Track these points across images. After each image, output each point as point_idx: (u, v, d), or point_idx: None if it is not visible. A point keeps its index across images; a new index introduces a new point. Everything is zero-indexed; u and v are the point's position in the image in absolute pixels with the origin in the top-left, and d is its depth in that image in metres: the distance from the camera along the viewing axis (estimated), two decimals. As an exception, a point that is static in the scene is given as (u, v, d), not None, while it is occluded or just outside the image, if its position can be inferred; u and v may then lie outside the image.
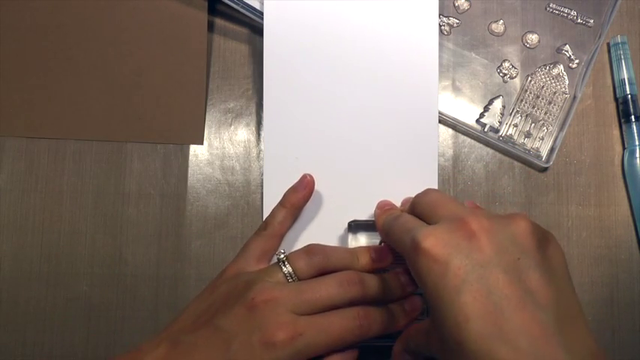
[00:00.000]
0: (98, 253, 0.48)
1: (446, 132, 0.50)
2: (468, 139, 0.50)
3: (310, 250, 0.43)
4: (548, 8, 0.51)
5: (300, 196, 0.47)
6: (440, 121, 0.50)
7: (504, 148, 0.49)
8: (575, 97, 0.49)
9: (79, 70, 0.50)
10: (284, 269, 0.42)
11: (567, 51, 0.50)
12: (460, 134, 0.50)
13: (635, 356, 0.48)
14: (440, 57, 0.50)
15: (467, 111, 0.50)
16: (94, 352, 0.47)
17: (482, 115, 0.49)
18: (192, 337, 0.40)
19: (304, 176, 0.47)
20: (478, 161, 0.50)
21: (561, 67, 0.50)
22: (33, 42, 0.50)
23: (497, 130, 0.49)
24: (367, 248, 0.44)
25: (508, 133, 0.49)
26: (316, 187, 0.47)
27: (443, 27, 0.50)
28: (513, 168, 0.50)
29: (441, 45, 0.50)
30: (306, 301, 0.40)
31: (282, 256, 0.42)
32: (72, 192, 0.49)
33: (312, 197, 0.47)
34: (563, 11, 0.50)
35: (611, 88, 0.50)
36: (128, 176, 0.49)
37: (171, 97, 0.50)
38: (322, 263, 0.42)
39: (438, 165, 0.49)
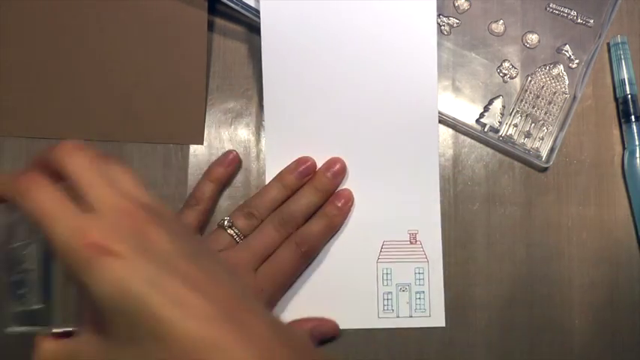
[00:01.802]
0: (98, 253, 0.48)
1: (446, 132, 0.50)
2: (468, 139, 0.50)
3: (246, 206, 0.46)
4: (548, 8, 0.51)
5: (224, 172, 0.48)
6: (440, 121, 0.50)
7: (504, 148, 0.49)
8: (575, 97, 0.49)
9: (79, 70, 0.50)
10: (230, 232, 0.45)
11: (567, 51, 0.50)
12: (460, 134, 0.50)
13: (635, 358, 0.48)
14: (440, 57, 0.50)
15: (467, 111, 0.49)
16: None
17: (482, 115, 0.49)
18: None
19: (229, 152, 0.48)
20: (478, 161, 0.50)
21: (561, 67, 0.50)
22: (33, 42, 0.50)
23: (497, 130, 0.49)
24: (286, 170, 0.47)
25: (508, 133, 0.49)
26: None
27: (443, 27, 0.50)
28: (513, 168, 0.50)
29: (440, 45, 0.50)
30: (257, 255, 0.44)
31: (226, 222, 0.45)
32: (72, 192, 0.49)
33: None
34: (563, 11, 0.50)
35: (611, 88, 0.50)
36: (128, 176, 0.49)
37: (171, 97, 0.50)
38: (259, 214, 0.45)
39: (439, 165, 0.49)
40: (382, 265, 0.48)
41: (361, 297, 0.47)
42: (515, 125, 0.49)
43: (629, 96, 0.49)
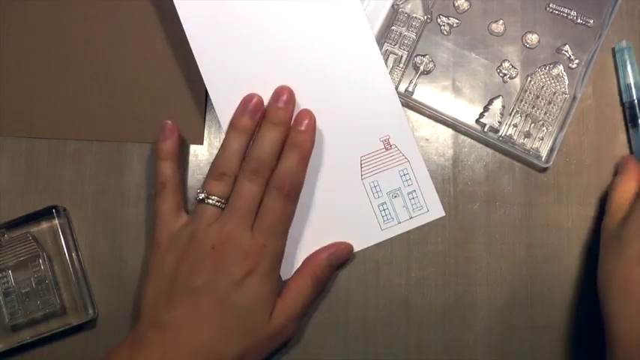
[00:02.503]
0: (98, 253, 0.48)
1: (446, 132, 0.50)
2: (468, 139, 0.50)
3: (215, 167, 0.46)
4: (548, 8, 0.51)
5: (170, 144, 0.47)
6: (440, 121, 0.50)
7: (504, 148, 0.49)
8: (574, 98, 0.49)
9: (79, 70, 0.50)
10: (210, 202, 0.44)
11: (567, 51, 0.50)
12: (460, 134, 0.50)
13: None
14: (440, 57, 0.50)
15: (467, 111, 0.49)
16: (95, 354, 0.47)
17: (481, 115, 0.49)
18: (174, 313, 0.42)
19: (164, 124, 0.47)
20: (478, 161, 0.50)
21: (561, 67, 0.50)
22: (33, 42, 0.50)
23: (496, 130, 0.49)
24: (236, 114, 0.46)
25: (508, 133, 0.49)
26: None
27: (443, 27, 0.50)
28: (513, 168, 0.50)
29: (440, 45, 0.50)
30: (246, 215, 0.44)
31: (202, 195, 0.45)
32: (72, 192, 0.49)
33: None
34: (563, 11, 0.50)
35: (611, 88, 0.50)
36: (128, 176, 0.49)
37: (171, 97, 0.50)
38: (229, 170, 0.45)
39: (438, 165, 0.49)
40: (367, 180, 0.48)
41: (358, 217, 0.48)
42: (515, 125, 0.49)
43: (636, 101, 0.49)
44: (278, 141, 0.45)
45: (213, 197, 0.44)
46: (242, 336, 0.42)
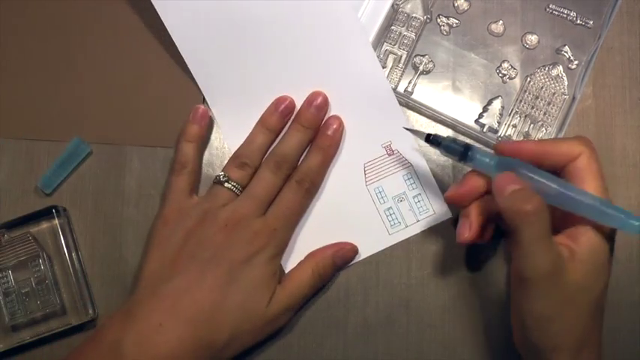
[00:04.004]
0: (98, 253, 0.48)
1: (446, 132, 0.50)
2: (469, 139, 0.50)
3: (237, 157, 0.47)
4: (547, 9, 0.51)
5: (198, 128, 0.48)
6: (439, 121, 0.50)
7: (504, 149, 0.49)
8: (574, 98, 0.49)
9: (79, 73, 0.50)
10: (227, 185, 0.46)
11: (567, 52, 0.50)
12: (460, 134, 0.50)
13: (635, 358, 0.48)
14: (439, 57, 0.50)
15: (466, 111, 0.50)
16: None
17: (481, 116, 0.49)
18: (176, 282, 0.43)
19: (197, 108, 0.48)
20: (478, 161, 0.50)
21: (560, 67, 0.50)
22: (33, 43, 0.50)
23: (496, 131, 0.49)
24: (267, 112, 0.48)
25: (507, 134, 0.49)
26: None
27: (442, 27, 0.50)
28: (513, 168, 0.50)
29: (440, 45, 0.50)
30: (262, 201, 0.45)
31: (222, 177, 0.46)
32: (72, 192, 0.49)
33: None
34: (562, 12, 0.51)
35: (611, 88, 0.50)
36: (128, 176, 0.49)
37: (170, 98, 0.50)
38: (251, 162, 0.47)
39: (439, 165, 0.49)
40: (372, 186, 0.49)
41: (365, 224, 0.48)
42: (514, 126, 0.49)
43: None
44: (305, 142, 0.47)
45: (231, 182, 0.46)
46: (241, 313, 0.43)
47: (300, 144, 0.47)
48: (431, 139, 0.43)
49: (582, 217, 0.39)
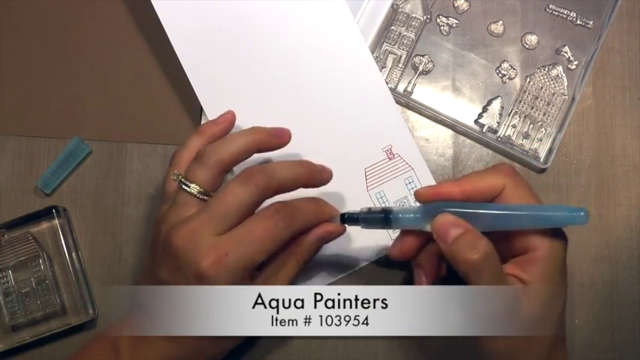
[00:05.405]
0: (98, 253, 0.48)
1: (446, 132, 0.50)
2: (468, 140, 0.50)
3: (200, 155, 0.41)
4: (547, 9, 0.51)
5: (219, 129, 0.44)
6: (439, 121, 0.50)
7: (502, 149, 0.49)
8: (573, 99, 0.49)
9: (79, 70, 0.50)
10: (189, 191, 0.40)
11: (566, 52, 0.50)
12: (460, 135, 0.50)
13: (635, 357, 0.47)
14: (439, 57, 0.50)
15: (465, 111, 0.50)
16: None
17: (480, 116, 0.49)
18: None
19: (227, 111, 0.45)
20: (478, 161, 0.50)
21: (560, 68, 0.50)
22: (33, 42, 0.50)
23: (495, 131, 0.49)
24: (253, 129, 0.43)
25: (506, 134, 0.49)
26: None
27: (442, 27, 0.51)
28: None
29: (440, 45, 0.50)
30: (220, 218, 0.39)
31: (180, 177, 0.41)
32: (72, 192, 0.49)
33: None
34: (562, 12, 0.51)
35: (611, 89, 0.50)
36: (128, 176, 0.49)
37: (169, 97, 0.50)
38: (219, 161, 0.41)
39: (438, 165, 0.49)
40: (373, 191, 0.48)
41: (368, 230, 0.47)
42: (514, 126, 0.49)
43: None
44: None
45: (194, 187, 0.41)
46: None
47: (294, 170, 0.42)
48: (346, 219, 0.41)
49: (526, 232, 0.38)
